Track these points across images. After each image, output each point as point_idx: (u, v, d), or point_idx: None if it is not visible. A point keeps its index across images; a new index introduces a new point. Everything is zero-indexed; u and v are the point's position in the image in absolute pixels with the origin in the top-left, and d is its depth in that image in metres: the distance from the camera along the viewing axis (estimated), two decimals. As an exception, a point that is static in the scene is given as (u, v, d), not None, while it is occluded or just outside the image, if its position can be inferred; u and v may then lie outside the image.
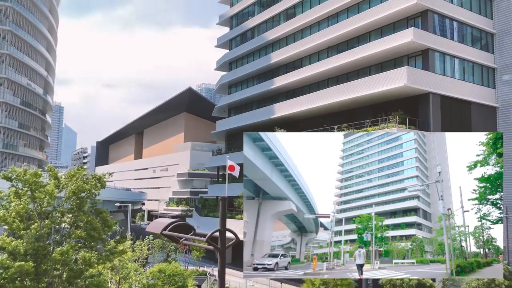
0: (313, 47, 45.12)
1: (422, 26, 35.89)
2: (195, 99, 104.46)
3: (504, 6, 39.58)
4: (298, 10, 48.86)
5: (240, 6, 59.43)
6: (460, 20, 37.98)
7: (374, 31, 39.50)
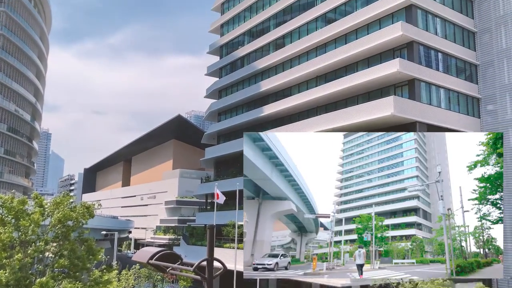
0: (302, 76, 45.81)
1: (408, 57, 36.74)
2: (184, 126, 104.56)
3: (486, 39, 40.85)
4: (287, 40, 49.82)
5: (230, 36, 60.43)
6: (444, 52, 39.00)
7: (361, 61, 40.32)
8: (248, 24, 56.88)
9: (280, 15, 51.64)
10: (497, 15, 40.22)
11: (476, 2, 41.93)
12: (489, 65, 40.30)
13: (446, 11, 39.59)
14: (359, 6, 40.94)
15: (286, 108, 47.11)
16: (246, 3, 57.72)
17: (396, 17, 37.63)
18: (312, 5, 46.73)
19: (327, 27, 43.69)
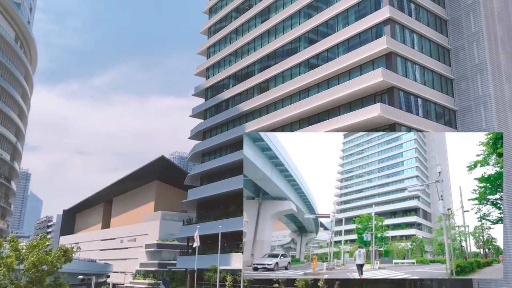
0: (286, 119, 46.37)
1: (388, 102, 37.63)
2: (167, 167, 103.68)
3: (464, 86, 42.31)
4: (271, 84, 50.76)
5: (216, 79, 61.36)
6: (424, 97, 40.12)
7: (344, 105, 41.13)
8: (233, 68, 57.99)
9: (264, 60, 52.87)
10: (472, 63, 41.88)
11: (453, 51, 43.72)
12: (467, 111, 41.51)
13: (424, 58, 41.10)
14: (341, 53, 42.26)
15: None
16: (231, 48, 59.08)
17: (377, 64, 38.85)
18: (295, 51, 48.06)
19: (310, 72, 44.79)
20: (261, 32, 53.95)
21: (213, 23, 64.95)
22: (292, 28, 49.31)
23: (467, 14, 43.06)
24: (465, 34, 42.89)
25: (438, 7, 44.31)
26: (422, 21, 42.35)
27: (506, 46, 44.21)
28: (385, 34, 38.35)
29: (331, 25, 44.40)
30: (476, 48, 41.75)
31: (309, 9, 47.62)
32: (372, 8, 40.36)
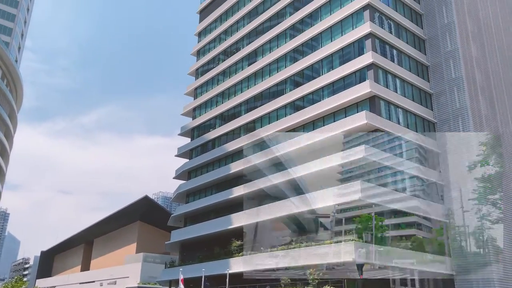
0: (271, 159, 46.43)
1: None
2: (151, 207, 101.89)
3: (446, 129, 43.14)
4: (257, 125, 51.14)
5: (202, 119, 61.67)
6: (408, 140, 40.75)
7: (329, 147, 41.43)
8: (220, 108, 58.50)
9: (251, 101, 53.54)
10: (453, 108, 42.96)
11: (434, 95, 44.92)
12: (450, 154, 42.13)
13: (407, 102, 42.08)
14: (326, 95, 43.08)
15: (256, 190, 46.99)
16: (218, 89, 59.84)
17: (361, 107, 39.61)
18: (281, 93, 48.86)
19: (295, 113, 45.38)
20: (248, 74, 54.94)
21: (201, 65, 66.05)
22: (278, 71, 50.36)
23: (447, 61, 44.62)
24: (446, 80, 44.26)
25: (419, 53, 45.89)
26: (404, 66, 43.69)
27: (485, 92, 45.64)
28: (369, 79, 39.37)
29: (316, 69, 45.48)
30: (457, 93, 42.98)
31: (295, 53, 48.89)
32: (356, 53, 41.61)
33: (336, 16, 44.32)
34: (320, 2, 46.74)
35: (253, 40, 56.19)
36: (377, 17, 42.70)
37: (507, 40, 53.73)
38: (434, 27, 46.73)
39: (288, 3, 51.56)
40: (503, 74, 50.19)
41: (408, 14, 46.84)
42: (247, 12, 58.77)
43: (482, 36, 48.89)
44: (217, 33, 64.07)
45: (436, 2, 47.20)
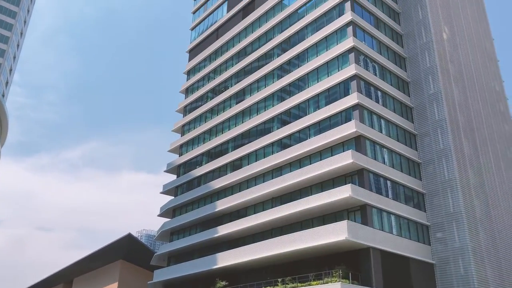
0: (258, 197, 46.19)
1: (359, 183, 38.26)
2: (134, 246, 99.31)
3: (430, 169, 43.67)
4: (244, 162, 51.17)
5: (189, 156, 61.52)
6: (393, 180, 41.03)
7: (315, 185, 41.52)
8: (207, 145, 58.55)
9: (238, 139, 53.78)
10: (437, 149, 43.68)
11: (419, 136, 45.72)
12: (435, 194, 42.46)
13: (392, 142, 42.68)
14: (312, 134, 43.54)
15: (241, 229, 46.40)
16: (206, 126, 60.11)
17: (347, 146, 40.04)
18: (269, 131, 49.27)
19: (282, 151, 45.60)
20: (236, 112, 55.47)
21: (189, 102, 66.60)
22: (266, 109, 50.99)
23: (430, 103, 45.75)
24: (430, 121, 45.21)
25: (403, 95, 47.03)
26: (388, 107, 44.64)
27: (468, 134, 46.61)
28: (354, 119, 40.04)
29: (303, 108, 46.18)
30: (440, 134, 43.83)
31: (282, 92, 49.74)
32: (342, 94, 42.49)
33: (322, 58, 45.54)
34: (307, 44, 48.09)
35: (241, 79, 57.15)
36: (362, 60, 43.97)
37: (487, 85, 55.51)
38: (417, 70, 48.20)
39: (276, 44, 52.94)
40: (484, 117, 51.50)
41: (392, 58, 48.35)
42: (236, 52, 60.07)
43: (463, 80, 50.49)
44: (206, 72, 65.09)
45: (419, 47, 48.91)
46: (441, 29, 50.59)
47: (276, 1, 55.55)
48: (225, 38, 63.36)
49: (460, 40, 53.87)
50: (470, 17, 58.80)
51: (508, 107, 58.02)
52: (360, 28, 45.44)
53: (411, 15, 51.16)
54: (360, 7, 46.94)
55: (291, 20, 52.39)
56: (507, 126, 55.66)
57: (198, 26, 72.70)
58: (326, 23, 47.26)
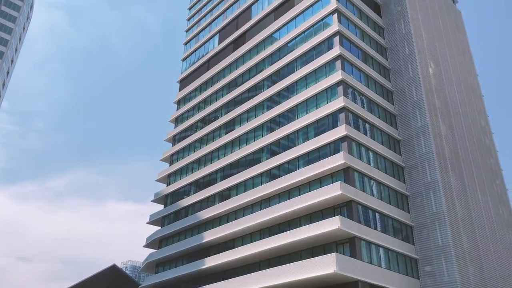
0: (246, 228, 45.67)
1: (348, 215, 38.14)
2: (118, 277, 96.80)
3: (418, 203, 43.78)
4: (233, 193, 50.84)
5: (177, 186, 61.00)
6: (381, 212, 40.99)
7: (304, 216, 41.28)
8: (195, 175, 58.19)
9: (227, 169, 53.61)
10: (425, 181, 43.93)
11: (406, 169, 46.03)
12: (423, 227, 42.41)
13: (380, 174, 42.88)
14: (301, 165, 43.62)
15: (229, 261, 45.59)
16: (195, 156, 59.94)
17: (336, 177, 40.10)
18: (258, 161, 49.27)
19: (271, 182, 45.48)
20: (225, 142, 55.53)
21: (179, 132, 66.61)
22: (255, 139, 51.15)
23: (417, 136, 46.35)
24: (417, 154, 45.67)
25: (391, 128, 47.64)
26: (376, 139, 45.09)
27: (454, 167, 47.09)
28: (343, 150, 40.31)
29: (292, 139, 46.44)
30: (428, 167, 44.21)
31: (271, 123, 50.08)
32: (330, 125, 42.91)
33: (312, 90, 46.20)
34: (296, 76, 48.85)
35: (231, 109, 57.54)
36: (350, 93, 44.69)
37: (472, 119, 56.56)
38: (405, 104, 49.06)
39: (266, 76, 53.69)
40: (471, 151, 52.21)
41: (380, 91, 49.23)
42: (227, 83, 60.72)
43: (450, 114, 51.42)
44: (196, 102, 65.47)
45: (406, 81, 49.95)
46: (427, 64, 51.88)
47: (267, 34, 56.73)
48: (216, 69, 64.15)
49: (446, 75, 55.21)
50: (455, 53, 60.51)
51: (493, 141, 58.98)
52: (348, 62, 46.41)
53: (398, 50, 52.49)
54: (348, 41, 48.11)
55: (281, 53, 53.38)
56: (492, 159, 56.43)
57: (190, 57, 73.64)
58: (315, 56, 48.23)
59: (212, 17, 71.99)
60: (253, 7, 63.10)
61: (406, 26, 52.62)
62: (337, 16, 48.03)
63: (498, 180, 55.11)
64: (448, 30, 62.09)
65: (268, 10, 59.12)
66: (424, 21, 56.03)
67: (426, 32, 55.16)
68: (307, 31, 50.98)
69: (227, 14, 68.83)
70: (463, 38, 65.87)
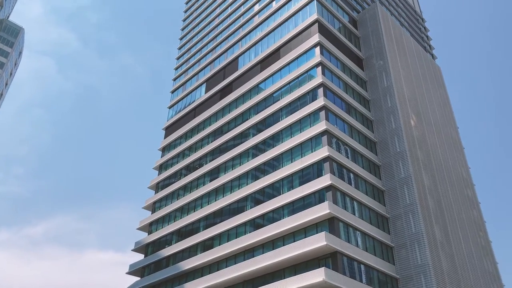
0: (229, 280, 44.27)
1: (332, 267, 37.36)
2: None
3: (403, 254, 43.29)
4: (215, 242, 49.71)
5: (158, 234, 59.52)
6: (366, 264, 40.30)
7: (288, 268, 40.30)
8: (177, 224, 57.01)
9: (210, 217, 52.73)
10: (410, 232, 43.72)
11: (391, 219, 45.85)
12: (409, 279, 41.68)
13: (365, 225, 42.58)
14: (286, 215, 43.17)
15: (210, 315, 43.80)
16: (178, 204, 59.02)
17: (320, 227, 39.66)
18: (242, 210, 48.64)
19: (255, 232, 44.72)
20: (209, 190, 54.98)
21: (162, 179, 65.90)
22: (239, 188, 50.79)
23: (401, 187, 46.62)
24: (401, 205, 45.72)
25: (375, 178, 47.92)
26: (361, 189, 45.17)
27: (438, 219, 47.13)
28: (327, 200, 40.16)
29: (276, 188, 46.23)
30: (412, 218, 44.13)
31: (256, 171, 49.99)
32: (315, 174, 42.99)
33: (296, 139, 46.65)
34: (282, 125, 49.45)
35: (216, 157, 57.49)
36: (335, 142, 45.23)
37: (455, 171, 57.39)
38: (388, 154, 49.70)
39: (252, 125, 54.23)
40: (454, 203, 52.54)
41: (363, 141, 49.96)
42: (212, 131, 61.06)
43: (432, 165, 52.14)
44: (181, 149, 65.37)
45: (389, 133, 50.90)
46: (409, 117, 53.17)
47: (253, 84, 57.92)
48: (202, 117, 64.67)
49: (427, 127, 56.52)
50: (435, 106, 62.32)
51: (475, 193, 59.63)
52: (332, 112, 47.33)
53: (380, 102, 53.86)
54: (332, 93, 49.29)
55: (266, 103, 54.29)
56: (475, 211, 56.77)
57: (176, 105, 74.35)
58: (300, 106, 49.13)
59: (200, 67, 73.55)
60: (240, 58, 64.81)
61: (388, 80, 54.35)
62: (321, 69, 49.49)
63: (482, 232, 55.20)
64: (428, 84, 64.31)
65: (254, 61, 60.75)
66: (405, 75, 58.04)
67: (407, 85, 57.00)
68: (292, 82, 52.23)
69: (215, 64, 70.45)
70: (443, 92, 68.16)
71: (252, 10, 69.27)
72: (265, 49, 60.17)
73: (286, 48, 56.55)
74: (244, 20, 68.96)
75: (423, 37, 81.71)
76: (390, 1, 78.28)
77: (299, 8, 58.13)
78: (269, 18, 63.35)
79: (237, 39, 67.83)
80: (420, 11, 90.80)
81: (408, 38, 66.89)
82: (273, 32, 60.82)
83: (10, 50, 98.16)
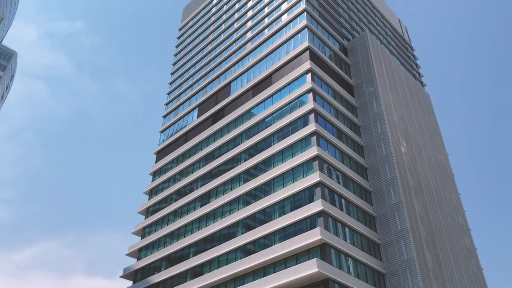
0: (218, 308, 43.37)
1: (324, 294, 36.78)
2: None
3: (395, 281, 42.86)
4: (205, 269, 48.90)
5: (147, 260, 58.47)
6: (358, 291, 39.82)
7: (279, 295, 39.60)
8: (167, 249, 56.12)
9: (200, 243, 52.04)
10: (401, 259, 43.42)
11: (382, 246, 45.57)
12: (401, 307, 41.13)
13: (356, 251, 42.23)
14: (277, 241, 42.73)
15: None
16: (168, 229, 58.25)
17: (312, 254, 39.25)
18: (232, 236, 48.10)
19: (246, 258, 44.12)
20: (199, 215, 54.44)
21: (153, 204, 65.23)
22: (230, 213, 50.37)
23: (392, 213, 46.56)
24: (392, 231, 45.55)
25: (366, 204, 47.86)
26: (352, 215, 45.02)
27: (430, 246, 46.96)
28: (319, 226, 39.91)
29: (268, 213, 45.92)
30: (404, 245, 43.92)
31: (248, 196, 49.73)
32: (306, 200, 42.85)
33: (288, 165, 46.68)
34: (273, 150, 49.54)
35: (207, 181, 57.18)
36: (326, 168, 45.30)
37: (445, 197, 57.58)
38: (379, 181, 49.82)
39: (244, 149, 54.27)
40: (445, 229, 52.50)
41: (354, 167, 50.11)
42: (204, 156, 60.94)
43: (423, 191, 52.29)
44: (172, 173, 64.99)
45: (379, 159, 51.16)
46: (399, 143, 53.62)
47: (245, 109, 58.27)
48: (193, 142, 64.65)
49: (418, 153, 56.95)
50: (425, 133, 63.00)
51: (466, 219, 59.70)
52: (324, 138, 47.60)
53: (370, 128, 54.36)
54: (323, 119, 49.71)
55: (258, 128, 54.53)
56: (467, 238, 56.71)
57: (168, 129, 74.35)
58: (292, 132, 49.39)
59: (193, 92, 74.00)
60: (232, 83, 65.42)
61: (378, 106, 55.02)
62: (312, 95, 50.04)
63: (473, 259, 55.01)
64: (418, 111, 65.18)
65: (246, 87, 61.32)
66: (395, 102, 58.84)
67: (397, 112, 57.71)
68: (284, 108, 52.65)
69: (207, 89, 70.97)
70: (432, 119, 69.05)
71: (245, 37, 70.38)
72: (257, 75, 60.87)
73: (278, 74, 57.26)
74: (237, 47, 69.95)
75: (412, 65, 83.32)
76: (379, 29, 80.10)
77: (291, 36, 59.20)
78: (261, 45, 64.35)
79: (229, 64, 68.63)
80: (409, 39, 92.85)
81: (398, 66, 68.16)
82: (265, 58, 61.68)
83: (2, 74, 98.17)
